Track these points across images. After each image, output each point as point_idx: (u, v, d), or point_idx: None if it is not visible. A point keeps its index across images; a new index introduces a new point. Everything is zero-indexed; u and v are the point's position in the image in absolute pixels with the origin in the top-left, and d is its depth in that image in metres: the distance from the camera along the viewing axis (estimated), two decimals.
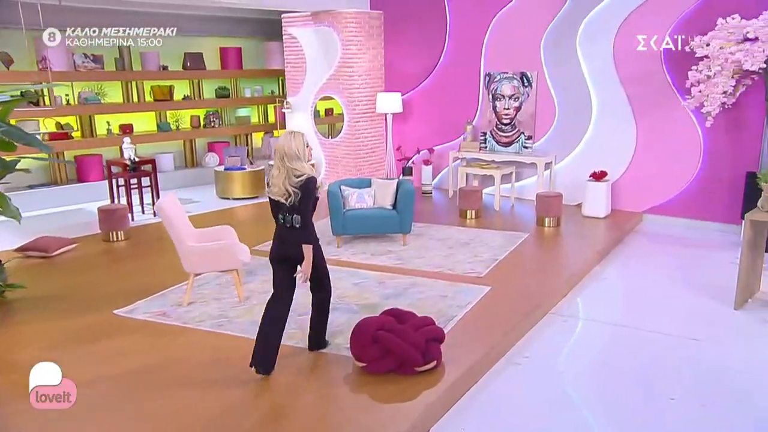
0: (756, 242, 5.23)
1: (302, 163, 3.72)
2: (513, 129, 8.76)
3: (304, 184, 3.71)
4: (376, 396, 3.77)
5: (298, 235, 3.81)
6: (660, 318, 5.09)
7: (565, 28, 8.11)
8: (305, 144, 3.77)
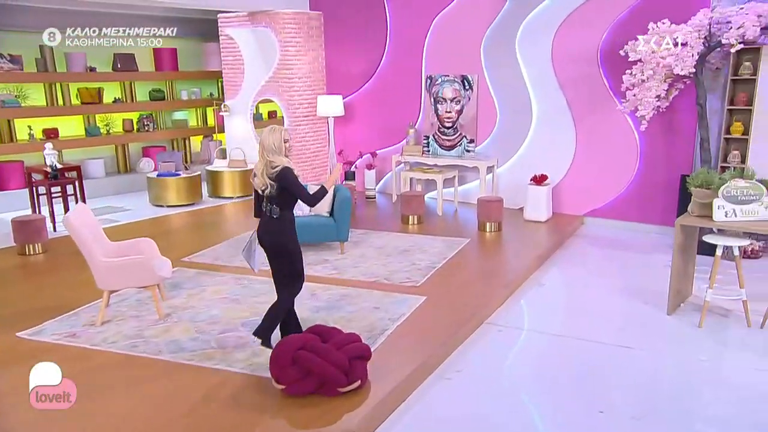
0: (687, 247, 5.23)
1: (279, 156, 3.97)
2: (455, 132, 8.66)
3: (279, 174, 3.95)
4: (294, 421, 3.54)
5: (275, 224, 4.09)
6: (595, 326, 5.02)
7: (504, 30, 8.05)
8: (282, 138, 4.01)
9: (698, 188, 5.03)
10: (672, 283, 5.13)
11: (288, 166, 3.97)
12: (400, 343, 4.47)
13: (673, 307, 5.20)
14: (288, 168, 3.97)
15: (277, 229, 4.10)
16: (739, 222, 4.82)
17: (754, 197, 4.80)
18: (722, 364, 4.38)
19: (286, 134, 4.04)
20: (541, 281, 6.07)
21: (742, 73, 6.46)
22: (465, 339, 4.76)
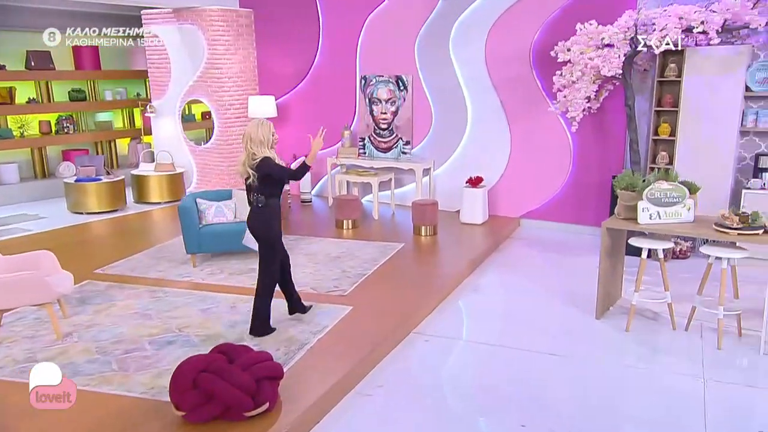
0: (614, 250, 5.19)
1: (263, 148, 4.21)
2: (391, 134, 8.47)
3: (259, 163, 4.18)
4: None
5: (261, 213, 4.36)
6: (524, 333, 4.90)
7: (437, 30, 7.91)
8: (271, 132, 4.26)
9: (624, 191, 4.98)
10: (600, 287, 5.06)
11: (268, 155, 4.22)
12: (319, 358, 4.22)
13: (601, 311, 5.14)
14: (267, 156, 4.21)
15: (262, 218, 4.38)
16: (664, 224, 4.79)
17: (677, 199, 4.78)
18: (647, 369, 4.31)
19: (272, 128, 4.32)
20: (474, 287, 5.94)
21: (668, 74, 6.50)
22: (389, 351, 4.55)
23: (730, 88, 6.15)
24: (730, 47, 6.08)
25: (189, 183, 9.39)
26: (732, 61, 6.07)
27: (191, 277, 5.82)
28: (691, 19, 5.53)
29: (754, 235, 4.42)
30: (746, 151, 6.49)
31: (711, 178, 6.34)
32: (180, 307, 5.08)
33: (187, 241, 6.02)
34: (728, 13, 5.40)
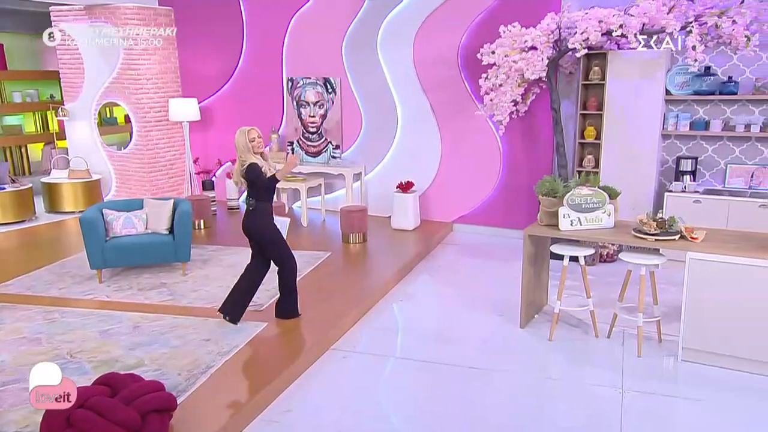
0: (538, 256, 5.08)
1: (248, 154, 4.45)
2: (320, 138, 8.20)
3: (246, 170, 4.45)
4: None
5: (251, 215, 4.61)
6: (447, 345, 4.73)
7: (364, 31, 7.69)
8: (248, 138, 4.45)
9: (545, 196, 4.88)
10: (523, 295, 4.95)
11: (254, 161, 4.43)
12: (224, 382, 3.91)
13: (526, 320, 5.02)
14: (253, 163, 4.43)
15: (252, 220, 4.63)
16: (585, 230, 4.71)
17: (597, 205, 4.71)
18: (567, 381, 4.19)
19: (251, 133, 4.49)
20: (400, 297, 5.74)
21: (592, 78, 6.49)
22: (303, 371, 4.28)
23: (651, 92, 6.18)
24: (650, 51, 6.10)
25: (107, 190, 8.84)
26: (652, 64, 6.10)
27: (95, 294, 5.39)
28: (610, 23, 5.50)
29: (670, 241, 4.38)
30: (668, 154, 6.55)
31: (636, 181, 6.38)
32: (76, 329, 4.66)
33: (90, 255, 5.57)
34: (645, 17, 5.40)
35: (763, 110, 5.98)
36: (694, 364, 4.27)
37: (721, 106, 6.18)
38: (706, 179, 6.41)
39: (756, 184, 6.12)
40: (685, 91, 6.22)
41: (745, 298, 4.00)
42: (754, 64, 5.92)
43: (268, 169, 4.52)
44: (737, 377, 4.08)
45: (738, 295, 4.02)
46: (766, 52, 5.83)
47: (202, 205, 7.65)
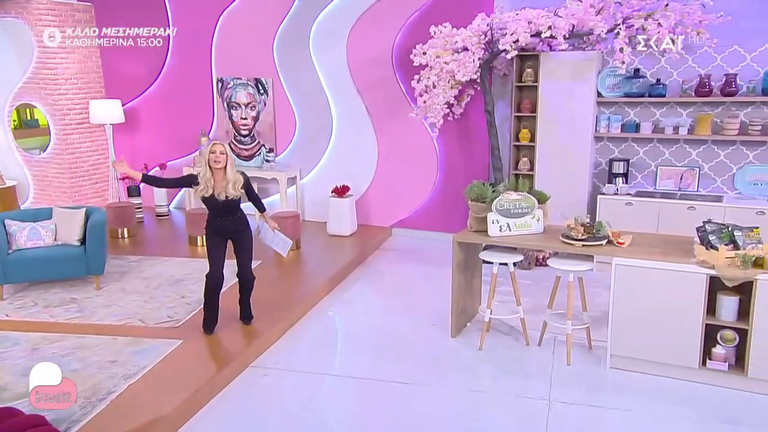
0: (469, 263, 4.94)
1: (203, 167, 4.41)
2: (253, 141, 7.88)
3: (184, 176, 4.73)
4: None
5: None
6: (376, 359, 4.53)
7: (296, 30, 7.43)
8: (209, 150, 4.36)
9: (474, 202, 4.74)
10: (454, 303, 4.79)
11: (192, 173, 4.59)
12: (125, 410, 3.59)
13: (457, 329, 4.87)
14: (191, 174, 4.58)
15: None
16: (514, 236, 4.59)
17: (526, 210, 4.60)
18: (494, 393, 4.05)
19: (215, 146, 4.38)
20: (329, 308, 5.50)
21: (525, 79, 6.42)
22: (217, 392, 4.00)
23: (582, 94, 6.14)
24: (581, 53, 6.08)
25: (24, 198, 8.28)
26: (583, 66, 6.06)
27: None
28: (539, 24, 5.42)
29: (597, 246, 4.30)
30: (601, 156, 6.54)
31: (570, 184, 6.34)
32: None
33: None
34: (574, 19, 5.34)
35: (690, 112, 6.03)
36: (622, 371, 4.20)
37: (651, 108, 6.20)
38: (638, 181, 6.42)
39: (685, 186, 6.17)
40: (615, 93, 6.21)
41: (668, 302, 3.95)
42: (681, 67, 5.95)
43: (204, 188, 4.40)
44: (663, 384, 4.03)
45: (662, 300, 3.96)
46: (692, 55, 5.87)
47: (126, 213, 7.23)
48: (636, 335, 4.10)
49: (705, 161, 6.10)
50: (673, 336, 3.98)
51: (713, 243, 3.90)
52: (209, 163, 4.36)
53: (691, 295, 3.87)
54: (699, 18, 5.42)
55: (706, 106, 5.95)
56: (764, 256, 3.74)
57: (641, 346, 4.10)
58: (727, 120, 5.81)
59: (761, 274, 3.68)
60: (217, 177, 4.40)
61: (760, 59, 5.65)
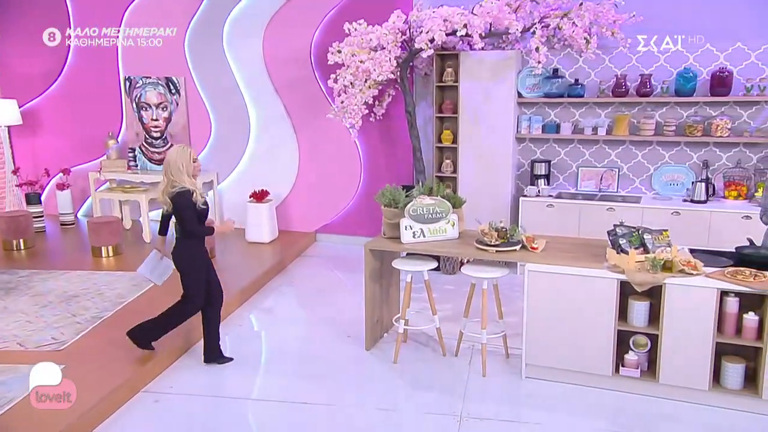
0: (386, 271, 4.70)
1: (183, 176, 3.90)
2: (165, 143, 7.41)
3: (176, 195, 3.88)
4: None
5: (178, 244, 4.05)
6: (281, 377, 4.22)
7: (209, 26, 7.02)
8: (191, 158, 3.96)
9: (387, 207, 4.51)
10: (368, 314, 4.53)
11: (187, 188, 3.91)
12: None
13: (372, 341, 4.62)
14: (185, 190, 3.90)
15: (177, 249, 4.08)
16: (428, 242, 4.38)
17: (440, 215, 4.40)
18: (403, 410, 3.82)
19: (194, 153, 4.03)
20: (239, 322, 5.15)
21: (446, 79, 6.25)
22: (99, 422, 3.59)
23: (502, 94, 6.03)
24: (500, 52, 5.96)
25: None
26: (502, 66, 5.94)
27: None
28: (455, 22, 5.25)
29: (511, 252, 4.14)
30: (524, 157, 6.46)
31: (493, 186, 6.22)
32: None
33: None
34: (489, 17, 5.20)
35: (609, 113, 6.01)
36: (538, 381, 4.05)
37: (571, 108, 6.15)
38: (561, 182, 6.37)
39: (605, 187, 6.15)
40: (536, 94, 6.13)
41: (580, 309, 3.82)
42: (598, 67, 5.92)
43: (199, 197, 3.97)
44: (578, 393, 3.90)
45: (574, 306, 3.83)
46: (609, 55, 5.85)
47: (22, 223, 6.62)
48: (550, 343, 3.96)
49: (624, 162, 6.09)
50: (586, 343, 3.86)
51: (623, 247, 3.80)
52: (194, 173, 3.97)
53: (603, 300, 3.76)
54: (613, 18, 5.39)
55: (623, 107, 5.95)
56: (673, 259, 3.66)
57: (556, 354, 3.97)
58: (643, 120, 5.81)
59: (670, 277, 3.60)
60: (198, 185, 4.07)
61: (672, 60, 5.68)
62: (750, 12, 5.38)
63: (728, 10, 5.43)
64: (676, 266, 3.65)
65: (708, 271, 3.64)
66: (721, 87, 5.46)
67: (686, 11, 5.55)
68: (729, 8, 5.43)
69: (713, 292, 3.50)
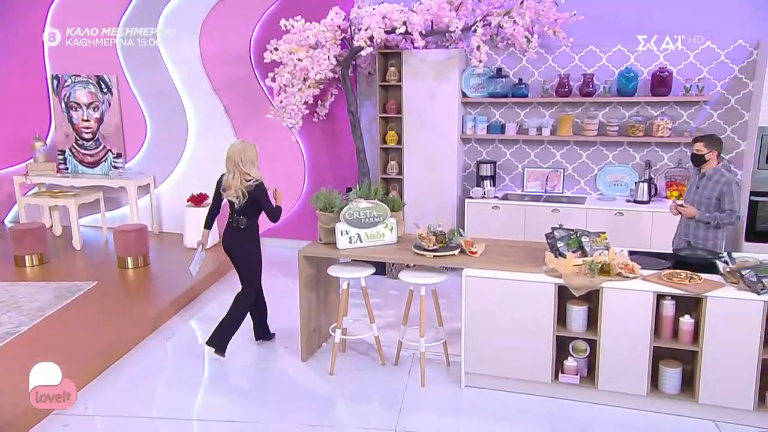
0: (321, 278, 4.49)
1: (255, 169, 4.27)
2: (98, 145, 7.03)
3: (255, 187, 4.22)
4: None
5: (242, 235, 4.36)
6: (208, 394, 3.98)
7: (141, 21, 6.69)
8: (256, 152, 4.30)
9: (321, 212, 4.31)
10: (303, 323, 4.33)
11: (262, 180, 4.25)
12: None
13: (309, 352, 4.41)
14: (262, 182, 4.26)
15: (243, 240, 4.37)
16: (365, 248, 4.20)
17: (378, 219, 4.23)
18: (340, 426, 3.63)
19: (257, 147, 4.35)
20: (169, 335, 4.86)
21: (389, 78, 6.09)
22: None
23: (446, 94, 5.90)
24: (444, 51, 5.83)
25: None
26: (446, 65, 5.81)
27: None
28: (394, 20, 5.09)
29: (450, 256, 4.00)
30: (470, 158, 6.35)
31: (439, 187, 6.09)
32: None
33: None
34: (429, 14, 5.06)
35: (553, 113, 5.95)
36: (478, 390, 3.92)
37: (515, 108, 6.07)
38: (507, 184, 6.28)
39: (551, 188, 6.09)
40: (480, 94, 6.02)
41: (519, 315, 3.70)
42: (542, 66, 5.86)
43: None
44: (519, 402, 3.78)
45: (513, 312, 3.71)
46: (552, 54, 5.79)
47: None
48: (489, 351, 3.83)
49: (569, 162, 6.05)
50: (525, 350, 3.74)
51: (561, 250, 3.70)
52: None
53: (541, 306, 3.65)
54: (554, 16, 5.32)
55: (567, 107, 5.90)
56: (610, 263, 3.58)
57: (495, 362, 3.84)
58: (587, 120, 5.77)
59: (607, 281, 3.51)
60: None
61: (614, 59, 5.66)
62: (688, 12, 5.39)
63: (668, 9, 5.43)
64: (613, 269, 3.57)
65: (645, 274, 3.57)
66: (662, 87, 5.46)
67: (627, 10, 5.52)
68: (668, 8, 5.43)
69: (650, 295, 3.43)
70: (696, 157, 4.12)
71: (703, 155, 4.07)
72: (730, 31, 5.30)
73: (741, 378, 3.34)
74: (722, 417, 3.46)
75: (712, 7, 5.30)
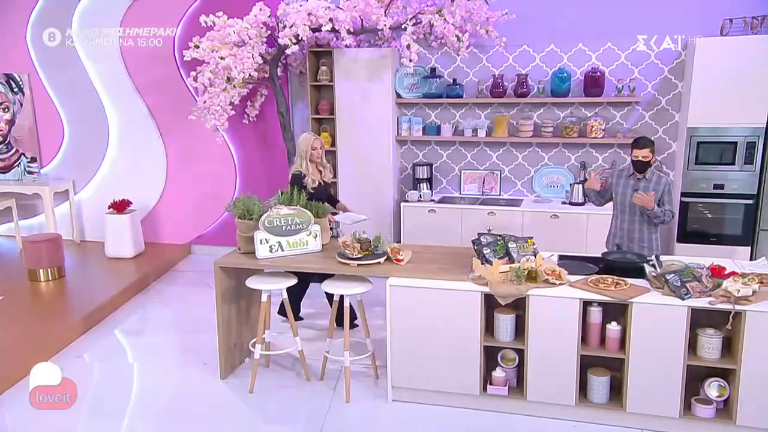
0: (242, 290, 4.21)
1: (301, 161, 4.49)
2: (9, 149, 6.53)
3: (292, 177, 4.51)
4: None
5: None
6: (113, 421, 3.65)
7: (54, 16, 6.26)
8: (311, 145, 4.46)
9: (240, 219, 4.04)
10: (221, 339, 4.05)
11: (302, 171, 4.46)
12: None
13: (228, 369, 4.13)
14: (299, 173, 4.46)
15: None
16: (287, 257, 3.96)
17: (300, 226, 3.99)
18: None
19: (316, 141, 4.46)
20: (79, 352, 4.49)
21: (320, 78, 5.86)
22: None
23: (380, 94, 5.71)
24: (376, 50, 5.64)
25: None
26: (378, 64, 5.62)
27: None
28: (320, 17, 4.86)
29: (374, 265, 3.79)
30: (406, 161, 6.17)
31: (375, 191, 5.90)
32: None
33: None
34: (356, 12, 4.85)
35: (488, 114, 5.84)
36: (405, 404, 3.73)
37: (451, 109, 5.93)
38: (444, 186, 6.14)
39: (488, 190, 5.98)
40: (414, 94, 5.86)
41: (445, 325, 3.53)
42: (476, 66, 5.74)
43: (311, 182, 4.47)
44: (447, 416, 3.60)
45: (439, 322, 3.54)
46: (485, 54, 5.68)
47: None
48: (417, 363, 3.64)
49: (505, 164, 5.95)
50: (453, 361, 3.57)
51: (488, 257, 3.55)
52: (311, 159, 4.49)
53: (468, 315, 3.48)
54: (486, 15, 5.20)
55: (502, 107, 5.79)
56: (537, 269, 3.45)
57: (423, 374, 3.66)
58: (522, 121, 5.69)
59: (533, 288, 3.38)
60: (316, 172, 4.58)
61: (548, 59, 5.59)
62: (619, 11, 5.36)
63: (599, 10, 5.39)
64: (540, 276, 3.44)
65: (572, 280, 3.45)
66: (594, 87, 5.41)
67: (559, 10, 5.46)
68: (599, 8, 5.39)
69: (576, 302, 3.31)
70: (643, 164, 4.05)
71: (649, 161, 4.02)
72: (659, 31, 5.29)
73: (667, 385, 3.26)
74: (650, 425, 3.38)
75: (642, 7, 5.28)
